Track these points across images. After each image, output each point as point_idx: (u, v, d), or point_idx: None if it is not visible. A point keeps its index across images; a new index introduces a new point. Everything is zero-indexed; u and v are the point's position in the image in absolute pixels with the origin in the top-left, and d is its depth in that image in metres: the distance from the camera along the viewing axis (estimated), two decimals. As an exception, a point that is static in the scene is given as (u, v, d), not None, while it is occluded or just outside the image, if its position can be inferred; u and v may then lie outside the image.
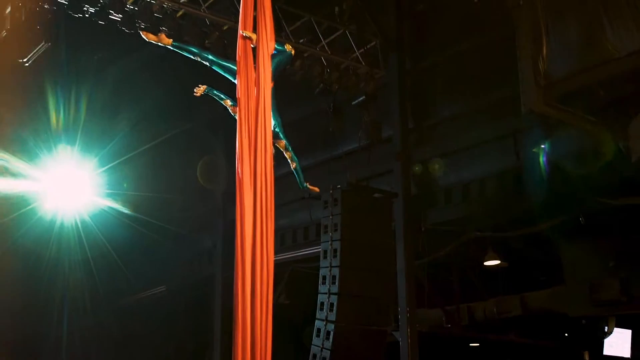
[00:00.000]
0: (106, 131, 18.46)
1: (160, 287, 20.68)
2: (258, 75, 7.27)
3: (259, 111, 7.24)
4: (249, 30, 7.48)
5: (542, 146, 12.79)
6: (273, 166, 7.34)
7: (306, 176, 16.05)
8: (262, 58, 7.29)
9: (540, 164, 12.84)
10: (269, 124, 7.31)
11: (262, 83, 7.26)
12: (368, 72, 14.66)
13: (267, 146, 7.23)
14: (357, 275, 13.11)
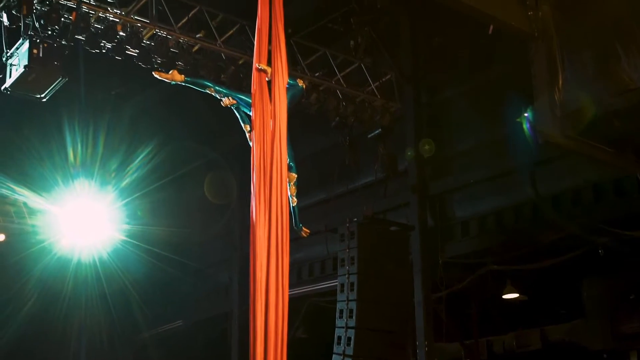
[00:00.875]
0: (124, 166, 18.56)
1: (177, 321, 20.60)
2: (274, 107, 7.27)
3: (275, 143, 7.21)
4: (264, 63, 7.49)
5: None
6: (288, 199, 7.27)
7: (322, 210, 16.22)
8: (277, 90, 7.29)
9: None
10: (284, 157, 7.25)
11: (277, 115, 7.25)
12: (383, 105, 14.70)
13: (282, 179, 7.16)
14: (375, 308, 13.05)
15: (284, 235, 7.02)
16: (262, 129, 7.23)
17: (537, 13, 11.14)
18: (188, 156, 18.64)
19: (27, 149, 17.60)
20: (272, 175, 7.10)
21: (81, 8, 11.39)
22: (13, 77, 11.09)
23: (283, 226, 7.03)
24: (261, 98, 7.34)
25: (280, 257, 6.95)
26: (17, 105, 14.95)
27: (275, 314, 6.79)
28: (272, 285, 6.83)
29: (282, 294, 6.86)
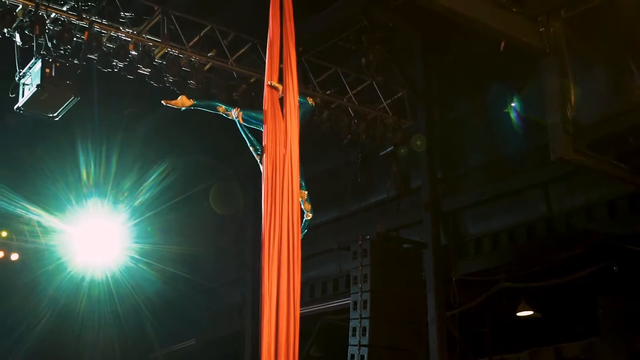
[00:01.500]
0: (137, 185, 18.61)
1: (190, 340, 20.57)
2: (286, 123, 7.25)
3: (286, 160, 7.19)
4: (275, 81, 7.49)
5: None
6: (300, 217, 7.22)
7: (335, 227, 16.20)
8: (289, 107, 7.28)
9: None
10: (295, 174, 7.22)
11: (289, 131, 7.23)
12: (395, 123, 14.68)
13: (293, 196, 7.13)
14: (388, 326, 12.97)
15: (296, 253, 6.98)
16: (274, 145, 7.22)
17: (548, 29, 11.12)
18: (201, 175, 18.67)
19: (41, 168, 17.70)
20: (284, 192, 7.07)
21: (93, 28, 11.47)
22: (26, 96, 11.15)
23: (294, 244, 6.99)
24: (273, 115, 7.33)
25: (291, 275, 6.90)
26: (31, 125, 15.08)
27: (286, 332, 6.75)
28: (283, 304, 6.79)
29: (293, 313, 6.82)
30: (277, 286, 6.82)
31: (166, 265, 18.88)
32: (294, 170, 7.18)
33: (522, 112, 13.89)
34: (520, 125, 13.88)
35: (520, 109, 13.95)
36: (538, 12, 11.10)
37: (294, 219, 7.05)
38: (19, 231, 18.25)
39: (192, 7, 13.06)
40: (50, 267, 18.65)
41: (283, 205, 7.03)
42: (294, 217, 7.05)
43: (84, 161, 17.58)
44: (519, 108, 13.98)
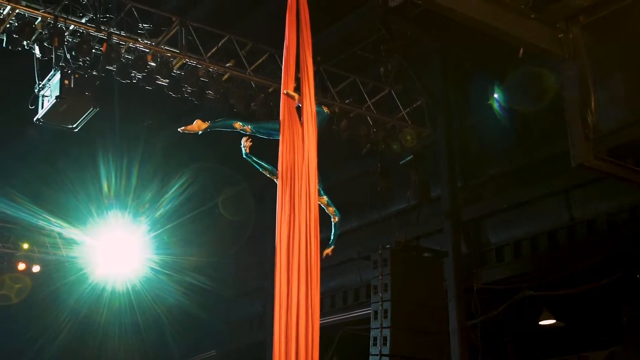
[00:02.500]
0: (157, 197, 18.65)
1: (211, 351, 20.55)
2: (303, 131, 7.20)
3: (304, 168, 7.12)
4: (291, 90, 7.45)
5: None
6: (318, 226, 7.12)
7: (355, 237, 16.15)
8: (306, 115, 7.24)
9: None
10: (313, 182, 7.13)
11: (307, 139, 7.17)
12: (414, 131, 14.62)
13: (311, 205, 7.03)
14: (409, 336, 12.92)
15: (314, 262, 6.86)
16: (291, 153, 7.17)
17: (567, 35, 11.03)
18: (221, 186, 18.68)
19: (62, 180, 17.79)
20: (301, 201, 7.00)
21: (111, 39, 11.56)
22: (45, 108, 11.24)
23: (313, 253, 6.88)
24: (290, 123, 7.28)
25: (309, 285, 6.79)
26: (52, 138, 15.16)
27: (305, 343, 6.66)
28: (301, 314, 6.68)
29: (312, 323, 6.71)
30: (296, 296, 6.72)
31: (186, 277, 18.90)
32: (312, 178, 7.09)
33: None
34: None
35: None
36: (557, 18, 11.00)
37: (311, 227, 6.96)
38: (40, 243, 18.35)
39: (211, 18, 13.09)
40: (71, 278, 18.74)
41: (300, 214, 6.96)
42: (312, 226, 6.96)
43: (104, 173, 17.65)
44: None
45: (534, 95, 13.51)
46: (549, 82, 12.81)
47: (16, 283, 18.68)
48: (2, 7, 10.80)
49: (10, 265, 18.10)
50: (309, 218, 6.95)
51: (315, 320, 6.71)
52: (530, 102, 13.71)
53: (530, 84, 13.59)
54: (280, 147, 7.21)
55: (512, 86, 13.99)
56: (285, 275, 6.76)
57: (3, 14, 10.84)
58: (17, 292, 18.70)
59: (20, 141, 16.11)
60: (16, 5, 10.80)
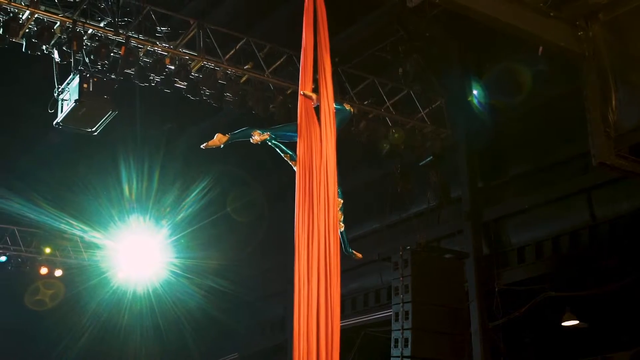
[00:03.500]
0: (179, 201, 18.70)
1: (233, 354, 20.55)
2: (321, 131, 7.16)
3: (322, 169, 7.07)
4: (309, 90, 7.42)
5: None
6: (338, 225, 7.06)
7: (376, 238, 16.10)
8: (324, 115, 7.19)
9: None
10: (332, 183, 7.06)
11: (324, 139, 7.12)
12: (434, 132, 14.58)
13: (329, 206, 6.97)
14: (430, 337, 12.88)
15: (333, 264, 6.78)
16: (309, 154, 7.13)
17: (587, 33, 10.95)
18: (242, 190, 18.69)
19: (84, 185, 17.89)
20: (320, 202, 6.95)
21: (130, 42, 11.60)
22: (64, 111, 11.30)
23: (332, 255, 6.81)
24: (308, 124, 7.25)
25: (329, 287, 6.72)
26: (74, 143, 15.25)
27: (325, 345, 6.61)
28: (321, 317, 6.63)
29: (332, 325, 6.65)
30: (316, 298, 6.66)
31: (207, 280, 18.94)
32: (330, 179, 7.03)
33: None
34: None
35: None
36: (576, 16, 10.93)
37: (331, 229, 6.89)
38: (62, 247, 18.45)
39: (229, 21, 13.10)
40: (93, 282, 18.84)
41: (320, 216, 6.90)
42: (331, 227, 6.89)
43: (126, 177, 17.73)
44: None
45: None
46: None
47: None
48: (21, 12, 10.86)
49: (32, 269, 18.21)
50: (328, 219, 6.88)
51: (336, 321, 6.66)
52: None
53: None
54: (298, 148, 7.17)
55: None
56: (305, 277, 6.73)
57: (22, 18, 10.90)
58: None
59: (43, 146, 16.22)
60: (35, 10, 10.86)
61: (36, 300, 18.75)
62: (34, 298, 18.76)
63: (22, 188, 17.36)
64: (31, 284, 18.53)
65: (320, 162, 7.03)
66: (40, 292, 18.76)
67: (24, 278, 18.40)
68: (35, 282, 18.63)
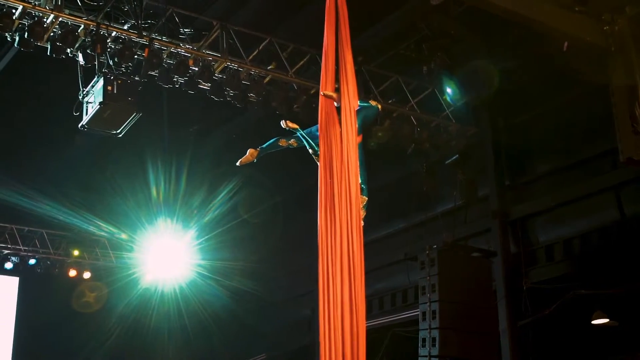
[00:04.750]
0: (206, 202, 18.76)
1: (261, 355, 20.57)
2: (341, 130, 7.12)
3: (343, 168, 7.03)
4: (330, 90, 7.39)
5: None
6: (362, 225, 7.01)
7: (402, 238, 16.05)
8: (345, 113, 7.15)
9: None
10: (354, 182, 7.01)
11: (345, 138, 7.08)
12: (459, 130, 14.49)
13: (352, 206, 6.92)
14: (458, 337, 12.82)
15: (357, 263, 6.74)
16: (329, 153, 7.10)
17: (613, 27, 10.85)
18: (270, 191, 18.70)
19: (112, 187, 18.01)
20: (342, 201, 6.91)
21: (153, 45, 11.64)
22: (89, 114, 11.35)
23: (355, 254, 6.77)
24: (328, 125, 7.23)
25: (353, 286, 6.67)
26: (102, 145, 15.36)
27: (350, 345, 6.57)
28: (346, 316, 6.60)
29: (357, 325, 6.60)
30: (340, 298, 6.63)
31: (234, 282, 18.99)
32: (352, 178, 7.00)
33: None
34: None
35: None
36: (602, 10, 10.85)
37: (353, 229, 6.85)
38: (90, 250, 18.58)
39: (253, 22, 13.11)
40: (120, 284, 18.95)
41: (342, 216, 6.87)
42: (354, 227, 6.85)
43: (153, 179, 17.82)
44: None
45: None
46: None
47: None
48: (45, 16, 10.91)
49: (61, 272, 18.36)
50: (351, 219, 6.86)
51: (361, 321, 6.61)
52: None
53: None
54: (320, 149, 7.16)
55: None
56: (329, 277, 6.72)
57: (46, 22, 10.96)
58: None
59: (70, 149, 16.34)
60: (59, 13, 10.92)
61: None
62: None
63: (51, 191, 17.52)
64: (63, 287, 18.65)
65: (341, 162, 7.00)
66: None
67: (52, 280, 18.56)
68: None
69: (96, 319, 18.79)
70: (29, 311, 18.77)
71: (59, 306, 18.47)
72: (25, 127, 16.02)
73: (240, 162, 7.86)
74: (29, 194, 17.16)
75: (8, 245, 17.77)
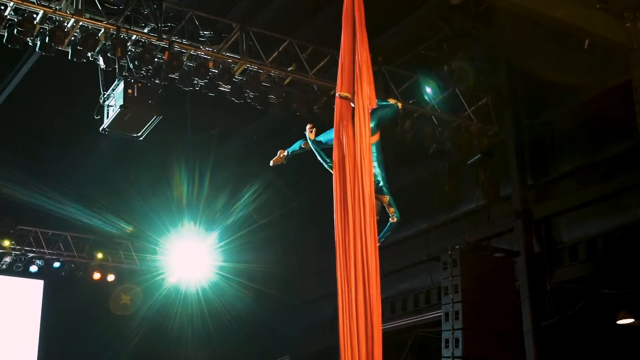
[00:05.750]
0: (229, 204, 18.79)
1: (284, 357, 20.57)
2: (354, 130, 7.08)
3: (356, 168, 6.99)
4: (346, 91, 7.34)
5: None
6: (376, 225, 6.96)
7: (424, 239, 15.98)
8: (359, 112, 7.11)
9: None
10: (367, 182, 6.91)
11: (358, 139, 7.03)
12: (480, 129, 14.42)
13: (366, 207, 6.84)
14: (481, 338, 12.74)
15: (371, 264, 6.68)
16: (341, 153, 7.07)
17: (635, 24, 10.77)
18: (292, 193, 18.70)
19: (135, 190, 18.08)
20: (355, 202, 6.87)
21: (173, 47, 11.69)
22: (110, 117, 11.44)
23: (369, 255, 6.73)
24: (341, 125, 7.20)
25: (367, 287, 6.64)
26: (125, 148, 15.45)
27: (365, 346, 6.55)
28: (360, 318, 6.58)
29: (372, 326, 6.56)
30: (355, 299, 6.61)
31: (256, 284, 19.00)
32: (365, 178, 6.93)
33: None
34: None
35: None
36: (623, 7, 10.78)
37: (367, 229, 6.80)
38: (114, 252, 18.67)
39: (271, 24, 13.12)
40: (144, 286, 19.03)
41: (355, 217, 6.84)
42: (368, 228, 6.81)
43: (177, 182, 17.87)
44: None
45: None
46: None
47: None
48: (66, 20, 11.00)
49: (85, 274, 18.46)
50: (364, 220, 6.81)
51: (376, 324, 6.57)
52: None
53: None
54: (334, 150, 7.14)
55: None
56: (343, 279, 6.70)
57: (67, 27, 11.04)
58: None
59: (94, 152, 16.43)
60: (80, 17, 11.00)
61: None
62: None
63: (75, 194, 17.63)
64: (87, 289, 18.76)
65: (354, 162, 6.95)
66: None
67: (76, 283, 18.68)
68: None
69: (119, 321, 18.86)
70: (53, 314, 18.89)
71: (83, 309, 18.57)
72: (50, 131, 16.14)
73: (272, 163, 7.84)
74: (53, 196, 17.29)
75: (33, 249, 17.87)
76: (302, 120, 12.99)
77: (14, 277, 18.51)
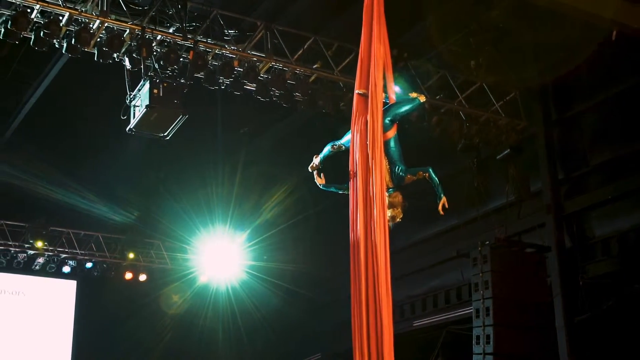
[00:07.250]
0: (259, 204, 18.81)
1: (316, 354, 20.56)
2: (367, 124, 7.00)
3: (370, 166, 6.92)
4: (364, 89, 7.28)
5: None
6: (386, 223, 6.87)
7: (454, 235, 15.86)
8: (372, 107, 7.03)
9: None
10: (378, 179, 6.83)
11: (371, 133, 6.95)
12: (509, 124, 14.28)
13: (377, 204, 6.79)
14: (513, 334, 12.66)
15: (380, 264, 6.60)
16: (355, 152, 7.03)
17: (662, 13, 10.61)
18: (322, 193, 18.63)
19: (165, 190, 18.20)
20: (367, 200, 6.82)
21: (198, 47, 11.71)
22: (136, 117, 11.46)
23: (379, 255, 6.65)
24: (357, 122, 7.15)
25: (376, 287, 6.61)
26: (154, 149, 15.54)
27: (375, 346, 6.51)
28: (371, 317, 6.55)
29: (380, 327, 6.52)
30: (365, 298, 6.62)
31: (285, 283, 19.02)
32: (376, 177, 6.85)
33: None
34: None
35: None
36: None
37: (378, 225, 6.74)
38: (145, 252, 18.80)
39: (295, 21, 13.11)
40: (175, 285, 19.14)
41: (367, 214, 6.80)
42: (378, 224, 6.73)
43: (207, 181, 17.93)
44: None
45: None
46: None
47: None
48: (91, 21, 11.06)
49: (117, 274, 18.61)
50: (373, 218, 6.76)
51: (386, 324, 6.55)
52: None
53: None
54: (351, 147, 7.11)
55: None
56: (353, 277, 6.70)
57: (93, 28, 11.11)
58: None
59: (124, 152, 16.56)
60: (105, 19, 11.05)
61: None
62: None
63: (106, 195, 17.77)
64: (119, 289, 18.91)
65: (364, 157, 6.90)
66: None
67: (108, 283, 18.84)
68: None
69: (151, 320, 19.00)
70: (86, 314, 19.08)
71: (115, 308, 18.74)
72: (81, 131, 16.29)
73: (309, 169, 7.79)
74: (86, 195, 17.45)
75: (65, 250, 18.05)
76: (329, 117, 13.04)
77: (47, 277, 18.72)
